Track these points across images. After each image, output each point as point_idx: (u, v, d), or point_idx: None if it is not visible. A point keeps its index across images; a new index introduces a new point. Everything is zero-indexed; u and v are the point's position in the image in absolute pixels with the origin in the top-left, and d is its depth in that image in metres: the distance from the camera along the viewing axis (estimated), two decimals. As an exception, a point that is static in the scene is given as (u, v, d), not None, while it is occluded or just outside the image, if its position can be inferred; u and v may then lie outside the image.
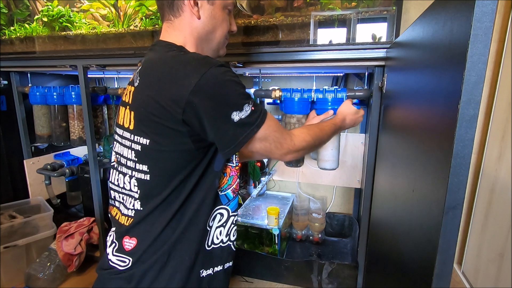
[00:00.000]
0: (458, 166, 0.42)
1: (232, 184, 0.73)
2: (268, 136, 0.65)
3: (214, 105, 0.58)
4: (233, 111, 0.59)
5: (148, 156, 0.62)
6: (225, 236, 0.73)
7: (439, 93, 0.50)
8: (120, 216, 0.69)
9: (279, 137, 0.67)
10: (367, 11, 1.02)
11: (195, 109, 0.57)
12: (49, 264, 1.34)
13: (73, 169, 1.63)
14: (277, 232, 1.34)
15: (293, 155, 0.71)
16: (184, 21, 0.69)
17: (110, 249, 0.68)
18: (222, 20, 0.72)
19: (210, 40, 0.72)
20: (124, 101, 0.66)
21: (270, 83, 1.68)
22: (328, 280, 1.28)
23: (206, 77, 0.56)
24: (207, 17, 0.69)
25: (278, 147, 0.67)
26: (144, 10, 1.23)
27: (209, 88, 0.57)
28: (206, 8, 0.69)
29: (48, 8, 1.34)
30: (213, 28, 0.71)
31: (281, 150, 0.69)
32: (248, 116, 0.60)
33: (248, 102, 0.61)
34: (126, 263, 0.65)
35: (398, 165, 0.77)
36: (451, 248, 0.44)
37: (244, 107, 0.60)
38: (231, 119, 0.59)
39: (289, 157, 0.71)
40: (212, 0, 0.69)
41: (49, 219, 1.47)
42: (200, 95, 0.56)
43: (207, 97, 0.57)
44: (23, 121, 1.63)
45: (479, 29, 0.39)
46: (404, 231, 0.67)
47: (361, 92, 1.17)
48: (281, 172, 1.68)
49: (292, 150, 0.70)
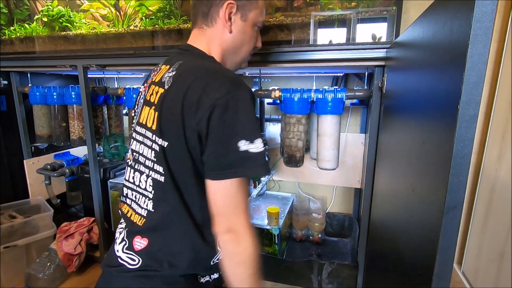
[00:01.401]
0: (458, 166, 0.42)
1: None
2: (243, 193, 0.60)
3: (227, 125, 0.57)
4: (242, 139, 0.57)
5: (164, 158, 0.62)
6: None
7: (439, 93, 0.50)
8: (133, 214, 0.69)
9: (244, 207, 0.60)
10: (367, 11, 1.02)
11: (208, 122, 0.57)
12: (49, 264, 1.34)
13: (73, 169, 1.63)
14: (277, 232, 1.34)
15: (233, 235, 0.59)
16: (215, 32, 0.71)
17: (120, 246, 0.68)
18: (251, 37, 0.75)
19: (236, 54, 0.75)
20: (149, 100, 0.66)
21: (270, 83, 1.68)
22: (328, 280, 1.28)
23: (233, 96, 0.57)
24: (238, 32, 0.72)
25: (235, 212, 0.59)
26: (144, 10, 1.23)
27: (231, 107, 0.57)
28: (238, 24, 0.71)
29: (48, 8, 1.34)
30: (242, 44, 0.74)
31: (231, 219, 0.59)
32: (255, 153, 0.58)
33: (261, 139, 0.59)
34: (136, 262, 0.65)
35: (398, 165, 0.77)
36: (451, 248, 0.44)
37: (256, 142, 0.58)
38: (237, 146, 0.57)
39: (227, 236, 0.60)
40: (244, 17, 0.72)
41: (49, 219, 1.47)
42: (219, 110, 0.56)
43: (225, 114, 0.57)
44: (23, 121, 1.63)
45: (479, 29, 0.39)
46: (404, 231, 0.67)
47: (361, 92, 1.17)
48: (281, 172, 1.68)
49: (241, 234, 0.59)
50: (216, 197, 0.60)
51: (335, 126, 1.19)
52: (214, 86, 0.58)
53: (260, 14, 0.74)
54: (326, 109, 1.17)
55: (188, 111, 0.58)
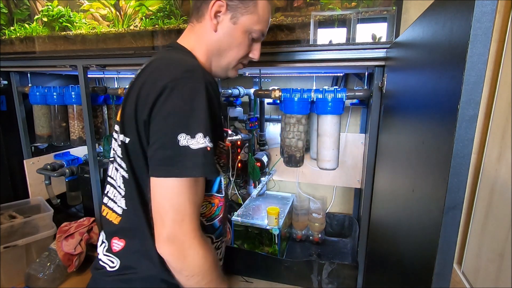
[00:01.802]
0: (458, 166, 0.42)
1: (219, 214, 0.69)
2: (188, 196, 0.52)
3: (168, 114, 0.52)
4: (182, 132, 0.51)
5: (127, 155, 0.60)
6: None
7: (439, 93, 0.50)
8: (109, 213, 0.67)
9: (189, 213, 0.52)
10: (367, 11, 1.02)
11: (152, 110, 0.54)
12: (49, 264, 1.34)
13: (73, 169, 1.63)
14: (277, 232, 1.34)
15: (173, 247, 0.53)
16: (202, 29, 0.68)
17: (101, 249, 0.67)
18: (240, 43, 0.69)
19: (220, 56, 0.69)
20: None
21: (270, 83, 1.68)
22: (328, 280, 1.28)
23: (179, 82, 0.53)
24: (224, 33, 0.67)
25: (175, 219, 0.52)
26: (144, 10, 1.23)
27: (175, 95, 0.52)
28: (226, 25, 0.66)
29: (48, 8, 1.34)
30: (228, 47, 0.68)
31: (171, 227, 0.52)
32: (195, 150, 0.51)
33: (204, 135, 0.52)
34: (115, 264, 0.63)
35: (398, 165, 0.77)
36: (451, 248, 0.44)
37: (197, 136, 0.51)
38: (177, 139, 0.51)
39: (166, 247, 0.53)
40: (234, 19, 0.66)
41: (49, 219, 1.47)
42: (163, 97, 0.52)
43: (167, 101, 0.52)
44: (23, 121, 1.63)
45: (479, 29, 0.39)
46: (404, 231, 0.67)
47: (361, 92, 1.17)
48: (281, 172, 1.68)
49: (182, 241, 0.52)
50: (154, 198, 0.54)
51: (335, 126, 1.19)
52: (165, 73, 0.55)
53: (257, 22, 0.68)
54: (326, 109, 1.17)
55: (140, 104, 0.56)
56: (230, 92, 1.45)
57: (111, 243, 0.65)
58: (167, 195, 0.52)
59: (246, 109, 1.68)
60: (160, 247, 0.54)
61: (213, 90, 0.56)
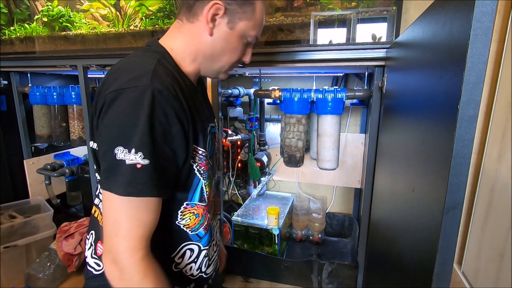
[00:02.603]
0: (458, 166, 0.42)
1: (204, 223, 0.66)
2: (121, 211, 0.50)
3: (108, 125, 0.50)
4: (119, 145, 0.48)
5: (96, 160, 0.59)
6: (196, 270, 0.67)
7: (439, 93, 0.50)
8: (97, 213, 0.66)
9: (126, 228, 0.50)
10: (367, 11, 1.02)
11: (98, 120, 0.53)
12: (49, 264, 1.34)
13: (73, 169, 1.63)
14: (277, 232, 1.34)
15: (111, 266, 0.51)
16: (194, 30, 0.62)
17: (89, 252, 0.66)
18: (235, 48, 0.65)
19: (213, 60, 0.65)
20: None
21: (270, 83, 1.68)
22: (328, 280, 1.28)
23: (122, 91, 0.50)
24: (219, 38, 0.62)
25: (110, 233, 0.50)
26: (144, 10, 1.23)
27: (116, 104, 0.50)
28: (223, 29, 0.62)
29: (48, 8, 1.34)
30: (222, 51, 0.64)
31: (107, 240, 0.51)
32: (128, 166, 0.48)
33: (137, 150, 0.48)
34: (101, 267, 0.62)
35: (398, 165, 0.77)
36: (451, 248, 0.44)
37: (132, 151, 0.48)
38: (114, 152, 0.49)
39: (104, 260, 0.52)
40: (232, 24, 0.62)
41: (49, 219, 1.47)
42: (106, 106, 0.51)
43: (108, 112, 0.50)
44: (23, 121, 1.63)
45: (479, 29, 0.39)
46: (404, 231, 0.67)
47: (361, 92, 1.17)
48: (281, 172, 1.68)
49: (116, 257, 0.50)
50: (103, 209, 0.52)
51: (335, 126, 1.19)
52: (113, 81, 0.52)
53: (253, 27, 0.65)
54: (326, 109, 1.17)
55: (95, 111, 0.55)
56: (230, 92, 1.45)
57: (97, 247, 0.64)
58: (106, 207, 0.51)
59: (246, 109, 1.68)
60: (103, 263, 0.53)
61: (169, 97, 0.51)
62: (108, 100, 0.50)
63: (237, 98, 1.55)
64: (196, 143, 0.60)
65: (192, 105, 0.57)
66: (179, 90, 0.54)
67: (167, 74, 0.55)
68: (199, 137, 0.60)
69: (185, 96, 0.55)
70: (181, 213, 0.62)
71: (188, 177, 0.60)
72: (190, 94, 0.59)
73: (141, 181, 0.49)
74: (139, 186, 0.49)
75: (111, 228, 0.50)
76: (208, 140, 0.64)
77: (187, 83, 0.61)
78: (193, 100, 0.59)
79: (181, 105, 0.53)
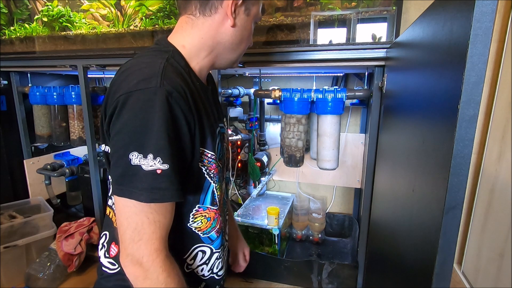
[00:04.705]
0: (458, 166, 0.42)
1: (216, 226, 0.66)
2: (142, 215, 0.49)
3: (121, 130, 0.49)
4: (134, 151, 0.48)
5: (109, 163, 0.58)
6: (207, 271, 0.68)
7: (439, 93, 0.50)
8: (111, 213, 0.66)
9: (149, 232, 0.50)
10: (367, 11, 1.02)
11: (109, 125, 0.52)
12: (49, 264, 1.34)
13: (73, 169, 1.63)
14: (277, 232, 1.34)
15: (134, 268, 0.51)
16: (211, 22, 0.60)
17: (102, 252, 0.66)
18: (250, 33, 0.66)
19: (233, 50, 0.65)
20: None
21: (270, 83, 1.68)
22: (328, 280, 1.28)
23: (133, 94, 0.49)
24: (240, 26, 0.62)
25: (133, 239, 0.50)
26: (144, 10, 1.23)
27: (128, 108, 0.49)
28: (242, 18, 0.62)
29: (48, 8, 1.34)
30: (241, 40, 0.64)
31: (129, 246, 0.51)
32: (145, 172, 0.48)
33: (155, 155, 0.48)
34: (116, 266, 0.63)
35: (398, 165, 0.77)
36: (451, 248, 0.44)
37: (148, 157, 0.47)
38: (129, 158, 0.48)
39: (126, 266, 0.52)
40: (248, 11, 0.62)
41: (49, 219, 1.47)
42: (117, 110, 0.49)
43: (120, 116, 0.49)
44: (23, 121, 1.63)
45: (479, 29, 0.39)
46: (404, 231, 0.67)
47: (361, 92, 1.17)
48: (281, 172, 1.68)
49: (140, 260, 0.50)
50: (117, 215, 0.52)
51: (335, 126, 1.19)
52: (123, 84, 0.51)
53: (259, 8, 0.66)
54: (326, 109, 1.17)
55: (105, 115, 0.54)
56: (230, 92, 1.45)
57: (110, 248, 0.64)
58: (124, 213, 0.50)
59: (246, 109, 1.68)
60: (122, 265, 0.52)
61: (178, 98, 0.50)
62: (119, 103, 0.49)
63: (237, 98, 1.55)
64: (203, 145, 0.59)
65: (201, 106, 0.57)
66: (188, 91, 0.54)
67: (177, 74, 0.54)
68: (207, 139, 0.59)
69: (194, 97, 0.55)
70: (193, 216, 0.62)
71: (199, 180, 0.60)
72: (199, 94, 0.58)
73: (163, 186, 0.49)
74: (161, 191, 0.49)
75: (133, 233, 0.50)
76: (218, 142, 0.63)
77: (197, 83, 0.60)
78: (202, 101, 0.58)
79: (189, 107, 0.53)
